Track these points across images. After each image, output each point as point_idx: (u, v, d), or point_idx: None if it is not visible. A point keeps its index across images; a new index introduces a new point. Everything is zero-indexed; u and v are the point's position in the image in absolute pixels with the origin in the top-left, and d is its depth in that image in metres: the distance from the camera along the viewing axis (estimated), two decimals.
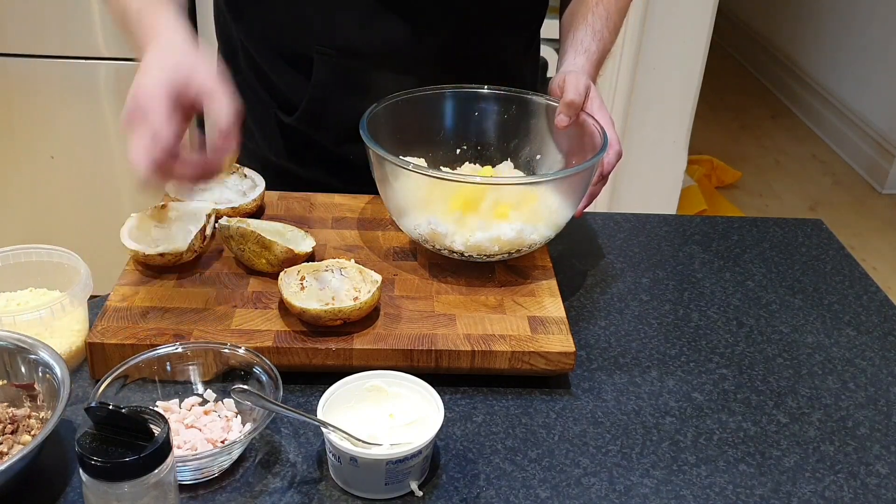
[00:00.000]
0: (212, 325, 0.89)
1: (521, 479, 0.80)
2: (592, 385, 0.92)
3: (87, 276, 0.90)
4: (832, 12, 3.94)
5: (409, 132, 1.07)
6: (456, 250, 0.98)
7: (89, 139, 2.19)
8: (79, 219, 2.29)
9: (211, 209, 1.03)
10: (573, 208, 1.01)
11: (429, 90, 1.06)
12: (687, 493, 0.80)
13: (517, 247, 0.98)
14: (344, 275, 0.94)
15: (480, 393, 0.90)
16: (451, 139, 1.11)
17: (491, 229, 0.96)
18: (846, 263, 1.19)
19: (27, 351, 0.81)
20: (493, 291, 0.97)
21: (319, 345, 0.87)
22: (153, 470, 0.64)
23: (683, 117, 2.46)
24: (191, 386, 0.84)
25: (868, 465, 0.84)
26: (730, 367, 0.96)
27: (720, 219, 1.29)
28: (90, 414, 0.65)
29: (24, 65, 2.09)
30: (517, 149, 1.12)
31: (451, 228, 0.97)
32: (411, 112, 1.08)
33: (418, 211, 0.98)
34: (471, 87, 1.10)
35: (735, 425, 0.88)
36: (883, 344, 1.03)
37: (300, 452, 0.81)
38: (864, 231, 3.24)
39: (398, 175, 0.97)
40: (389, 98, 1.05)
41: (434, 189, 0.97)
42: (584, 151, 1.02)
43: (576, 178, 0.97)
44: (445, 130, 1.09)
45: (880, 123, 3.59)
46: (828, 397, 0.93)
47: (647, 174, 2.52)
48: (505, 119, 1.11)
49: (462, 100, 1.11)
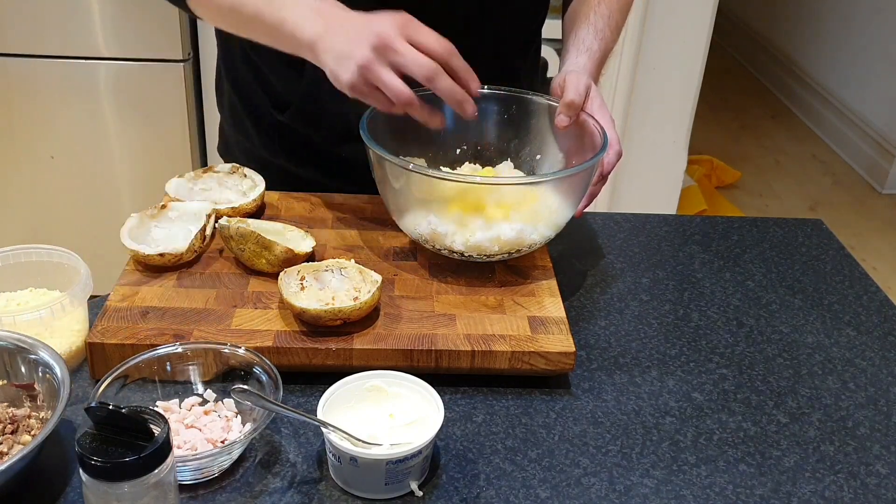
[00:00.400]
0: (212, 326, 0.89)
1: (521, 479, 0.80)
2: (592, 385, 0.92)
3: (87, 276, 0.90)
4: (832, 12, 3.94)
5: (409, 132, 1.07)
6: (456, 250, 0.98)
7: (89, 139, 2.19)
8: (79, 219, 2.29)
9: (211, 209, 1.03)
10: (573, 208, 1.01)
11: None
12: (687, 493, 0.80)
13: (517, 247, 0.98)
14: (344, 275, 0.94)
15: (480, 393, 0.90)
16: (450, 139, 1.11)
17: (491, 229, 0.96)
18: (846, 263, 1.19)
19: (27, 351, 0.81)
20: (493, 291, 0.97)
21: (319, 345, 0.87)
22: (153, 470, 0.64)
23: (683, 117, 2.46)
24: (191, 386, 0.84)
25: (868, 465, 0.84)
26: (730, 367, 0.96)
27: (720, 219, 1.29)
28: (90, 414, 0.65)
29: (24, 65, 2.09)
30: (517, 149, 1.12)
31: (451, 228, 0.97)
32: None
33: (418, 211, 0.98)
34: None
35: (735, 425, 0.88)
36: (883, 344, 1.03)
37: (300, 452, 0.81)
38: (864, 231, 3.24)
39: (398, 175, 0.97)
40: None
41: (434, 189, 0.97)
42: (583, 151, 1.02)
43: (575, 179, 0.97)
44: (445, 130, 1.09)
45: (880, 123, 3.59)
46: (828, 397, 0.93)
47: (647, 174, 2.52)
48: (505, 119, 1.11)
49: None
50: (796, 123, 4.12)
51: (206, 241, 1.01)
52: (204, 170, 1.12)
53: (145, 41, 2.08)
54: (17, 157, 2.21)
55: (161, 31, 2.07)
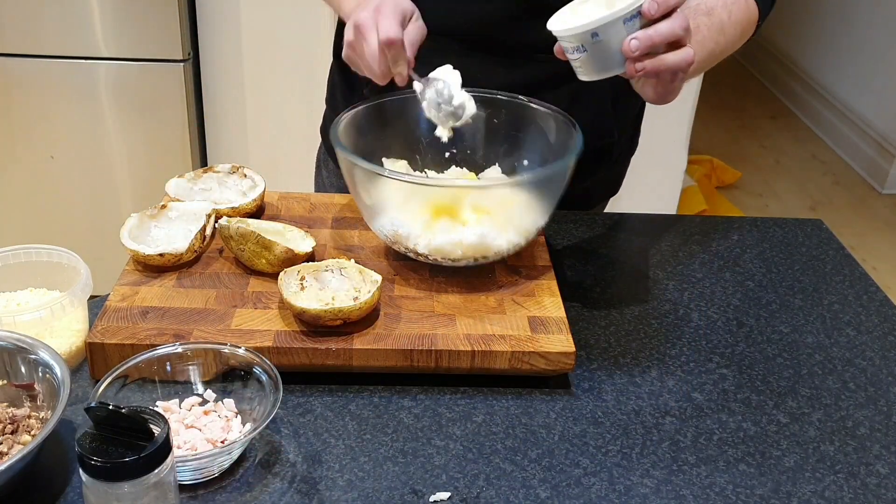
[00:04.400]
0: (212, 326, 0.89)
1: (521, 479, 0.80)
2: (592, 385, 0.92)
3: (86, 276, 0.90)
4: (833, 13, 3.94)
5: (393, 134, 1.07)
6: (420, 253, 0.97)
7: (89, 139, 2.19)
8: (79, 219, 2.29)
9: (211, 209, 1.03)
10: (544, 215, 0.99)
11: (410, 93, 1.03)
12: (687, 493, 0.80)
13: (482, 252, 0.97)
14: (344, 275, 0.94)
15: (480, 393, 0.90)
16: (438, 143, 1.10)
17: (453, 233, 0.96)
18: (846, 263, 1.19)
19: (27, 351, 0.81)
20: (492, 291, 0.97)
21: (319, 345, 0.87)
22: (153, 470, 0.64)
23: (683, 117, 2.46)
24: (191, 386, 0.84)
25: (868, 464, 0.84)
26: (730, 367, 0.96)
27: (720, 219, 1.29)
28: (90, 414, 0.65)
29: (23, 64, 2.10)
30: (506, 154, 1.11)
31: (413, 231, 0.96)
32: (397, 113, 1.07)
33: (384, 213, 0.98)
34: None
35: (735, 425, 0.88)
36: (883, 344, 1.03)
37: (300, 452, 0.81)
38: (864, 231, 3.24)
39: (358, 175, 0.96)
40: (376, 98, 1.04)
41: (397, 191, 0.96)
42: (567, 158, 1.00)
43: (540, 184, 0.95)
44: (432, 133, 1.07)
45: (880, 123, 3.59)
46: (828, 397, 0.93)
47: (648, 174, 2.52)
48: (494, 123, 1.09)
49: None
50: (796, 123, 4.12)
51: (206, 241, 1.01)
52: (204, 170, 1.12)
53: (145, 41, 2.08)
54: (17, 157, 2.22)
55: (161, 31, 2.07)
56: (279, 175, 2.01)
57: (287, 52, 2.22)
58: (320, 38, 2.18)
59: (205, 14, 2.18)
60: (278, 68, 2.25)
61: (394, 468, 0.80)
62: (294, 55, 2.22)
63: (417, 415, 0.86)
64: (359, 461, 0.80)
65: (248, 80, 2.26)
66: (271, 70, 2.26)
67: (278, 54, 2.23)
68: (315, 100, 1.36)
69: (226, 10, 2.17)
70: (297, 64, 2.23)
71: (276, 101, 2.29)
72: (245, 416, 0.81)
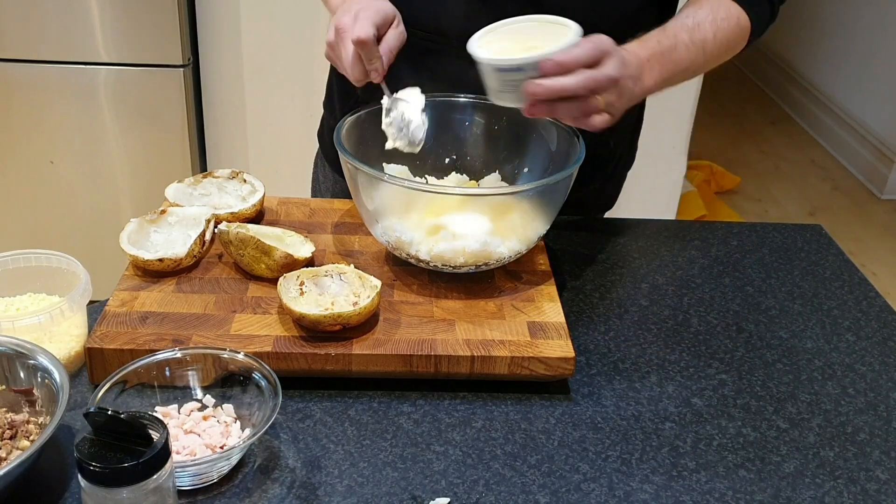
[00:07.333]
0: (211, 331, 0.89)
1: (521, 485, 0.79)
2: (592, 390, 0.92)
3: (86, 281, 0.90)
4: (832, 18, 3.95)
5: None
6: (422, 259, 0.97)
7: (89, 144, 2.19)
8: (78, 224, 2.29)
9: (210, 214, 1.03)
10: (546, 223, 0.99)
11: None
12: (686, 498, 0.79)
13: (484, 259, 0.97)
14: (343, 280, 0.94)
15: (480, 398, 0.89)
16: (438, 148, 1.10)
17: (455, 240, 0.96)
18: (845, 269, 1.19)
19: (26, 356, 0.81)
20: (492, 297, 0.97)
21: (319, 350, 0.87)
22: (152, 475, 0.64)
23: (683, 122, 2.46)
24: (190, 391, 0.84)
25: (868, 470, 0.84)
26: (729, 373, 0.96)
27: (719, 224, 1.29)
28: (89, 419, 0.65)
29: (24, 70, 2.10)
30: (505, 161, 1.11)
31: (416, 237, 0.96)
32: None
33: (385, 218, 0.98)
34: (459, 97, 1.09)
35: (735, 431, 0.88)
36: (882, 349, 1.03)
37: (299, 458, 0.81)
38: (863, 236, 3.25)
39: (361, 180, 0.96)
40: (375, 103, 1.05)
41: (398, 197, 0.97)
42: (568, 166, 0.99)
43: (544, 192, 0.95)
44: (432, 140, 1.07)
45: (880, 129, 3.59)
46: (827, 403, 0.93)
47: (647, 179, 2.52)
48: (495, 130, 1.09)
49: (450, 109, 1.09)
50: (796, 129, 4.13)
51: (206, 246, 1.01)
52: (203, 175, 1.12)
53: (145, 46, 2.09)
54: (16, 162, 2.22)
55: (161, 37, 2.08)
56: (279, 180, 2.01)
57: (287, 58, 2.23)
58: (320, 44, 2.17)
59: (205, 19, 2.18)
60: (278, 73, 2.25)
61: (393, 474, 0.80)
62: (294, 61, 2.22)
63: (417, 420, 0.86)
64: (358, 467, 0.80)
65: (247, 85, 2.26)
66: (271, 75, 2.26)
67: (278, 60, 2.23)
68: (314, 105, 1.36)
69: (225, 16, 2.18)
70: (297, 69, 2.23)
71: (275, 107, 2.29)
72: (244, 422, 0.81)
